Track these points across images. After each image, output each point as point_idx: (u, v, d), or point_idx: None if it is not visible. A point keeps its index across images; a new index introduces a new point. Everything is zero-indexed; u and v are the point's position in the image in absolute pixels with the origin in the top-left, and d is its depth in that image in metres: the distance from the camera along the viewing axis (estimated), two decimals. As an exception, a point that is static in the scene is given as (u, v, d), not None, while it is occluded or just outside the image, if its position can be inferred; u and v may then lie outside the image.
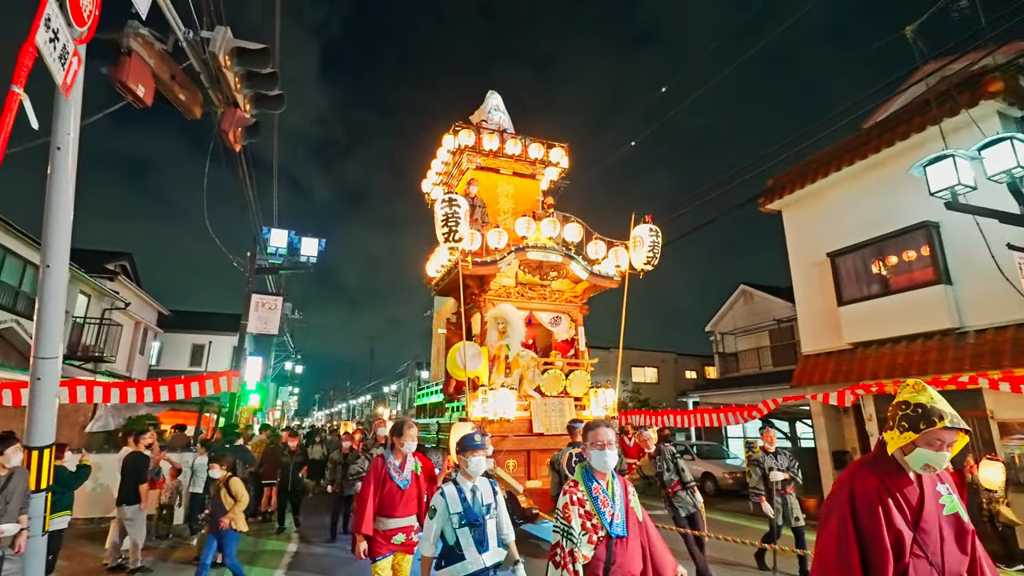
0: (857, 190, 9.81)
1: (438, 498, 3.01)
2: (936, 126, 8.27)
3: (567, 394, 8.14)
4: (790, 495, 6.22)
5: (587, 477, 2.53)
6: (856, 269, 9.65)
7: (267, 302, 10.99)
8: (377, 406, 51.62)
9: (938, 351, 8.13)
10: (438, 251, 8.81)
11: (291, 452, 8.50)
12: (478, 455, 3.13)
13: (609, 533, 2.38)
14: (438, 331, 10.49)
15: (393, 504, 3.83)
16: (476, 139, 9.53)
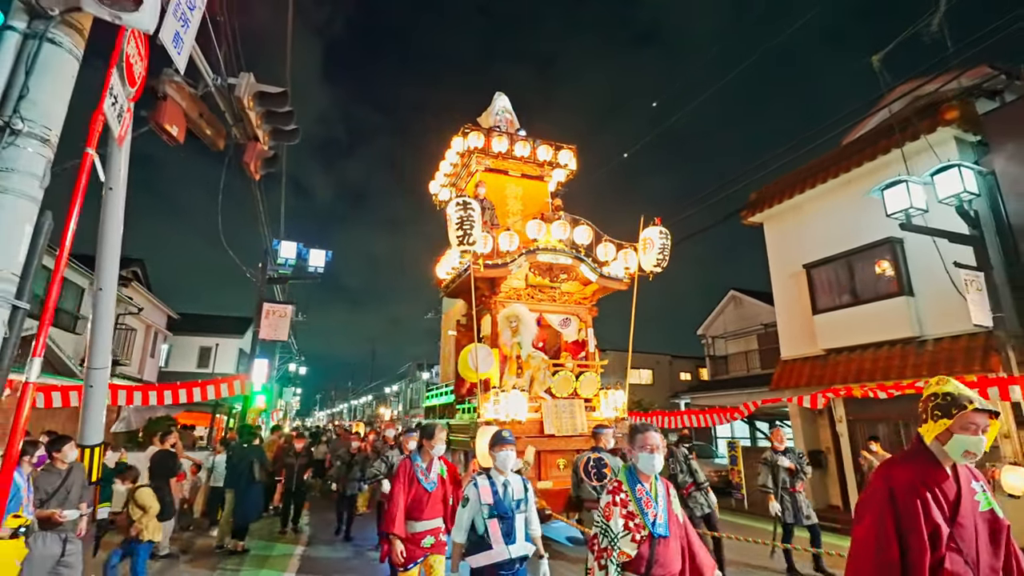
0: (831, 206, 10.46)
1: (471, 488, 3.20)
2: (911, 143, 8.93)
3: (577, 395, 8.17)
4: (799, 493, 6.22)
5: (631, 478, 2.59)
6: (829, 280, 10.31)
7: (277, 310, 11.67)
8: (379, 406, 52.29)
9: (900, 358, 8.78)
10: (449, 253, 8.84)
11: (296, 453, 8.43)
12: (506, 449, 3.30)
13: (652, 533, 2.44)
14: (448, 333, 10.47)
15: (421, 506, 3.87)
16: (485, 141, 9.56)
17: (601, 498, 2.59)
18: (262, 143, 6.52)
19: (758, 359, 17.67)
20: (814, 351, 10.47)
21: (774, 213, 11.69)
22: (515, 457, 3.41)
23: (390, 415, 45.06)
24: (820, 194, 10.64)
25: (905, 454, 2.01)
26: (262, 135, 6.46)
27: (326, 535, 8.22)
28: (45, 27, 3.11)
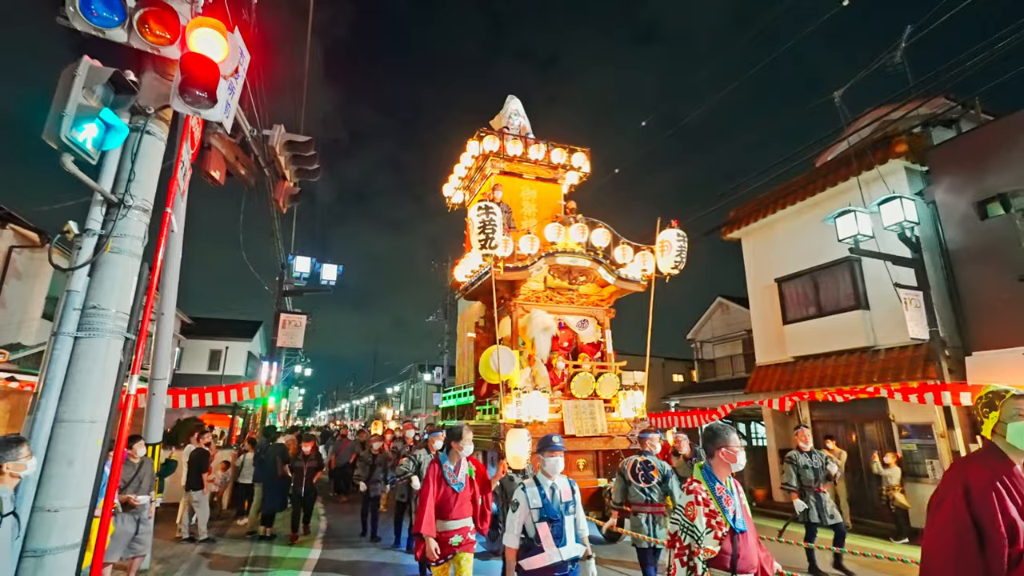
0: (799, 226, 11.42)
1: (519, 493, 3.25)
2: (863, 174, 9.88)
3: (597, 396, 8.20)
4: (824, 493, 6.23)
5: (709, 478, 2.64)
6: (797, 293, 11.27)
7: (293, 319, 12.64)
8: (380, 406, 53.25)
9: (857, 365, 9.74)
10: (468, 256, 8.97)
11: (305, 456, 8.05)
12: (556, 456, 3.35)
13: (733, 528, 2.50)
14: (467, 335, 10.44)
15: (449, 506, 3.98)
16: (500, 145, 9.68)
17: (679, 498, 2.65)
18: (289, 182, 7.54)
19: (743, 363, 18.60)
20: (784, 358, 11.44)
21: (750, 230, 12.65)
22: (563, 463, 3.45)
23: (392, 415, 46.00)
24: (790, 215, 11.60)
25: (976, 453, 2.09)
26: (289, 175, 7.48)
27: (341, 539, 8.05)
28: (144, 123, 4.08)
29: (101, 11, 3.86)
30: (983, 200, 8.23)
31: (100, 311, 3.68)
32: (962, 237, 8.59)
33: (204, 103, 4.05)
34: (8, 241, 9.77)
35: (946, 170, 8.95)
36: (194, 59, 3.82)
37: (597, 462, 7.94)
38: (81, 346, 3.60)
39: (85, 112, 3.41)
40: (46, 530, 3.20)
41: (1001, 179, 8.06)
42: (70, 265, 3.70)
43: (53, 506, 3.26)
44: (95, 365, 3.61)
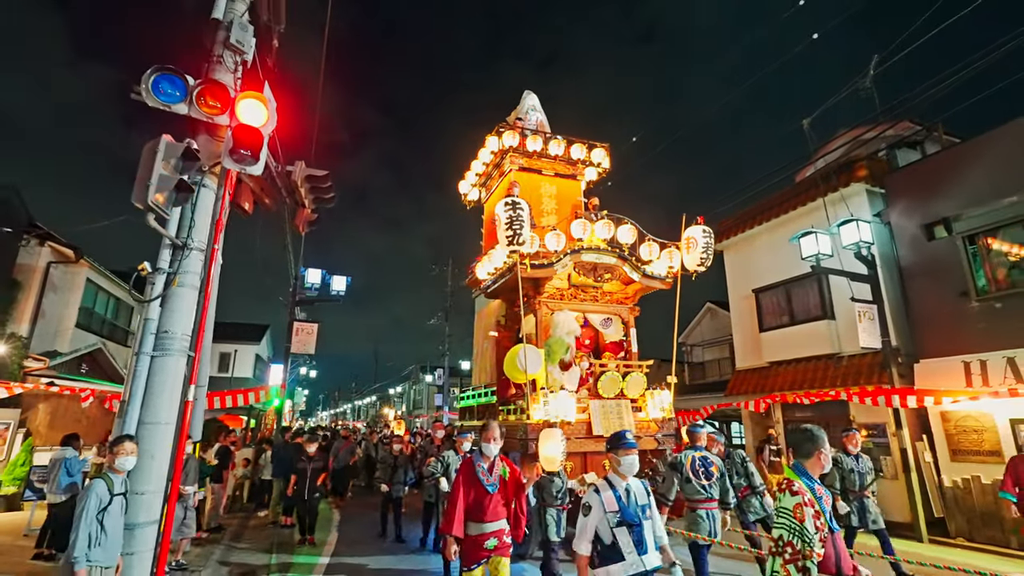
0: (774, 240, 12.31)
1: (592, 495, 3.01)
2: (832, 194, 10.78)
3: (624, 396, 8.07)
4: (867, 498, 6.10)
5: (806, 478, 2.59)
6: (772, 303, 12.17)
7: (306, 327, 13.54)
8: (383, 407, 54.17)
9: (823, 370, 10.64)
10: (491, 253, 8.76)
11: (309, 458, 7.84)
12: (631, 454, 3.12)
13: (831, 528, 2.48)
14: (489, 334, 10.07)
15: (482, 508, 3.83)
16: (520, 140, 9.51)
17: (783, 500, 2.55)
18: (308, 209, 8.45)
19: (730, 366, 19.49)
20: (760, 363, 12.34)
21: (731, 243, 13.55)
22: (636, 464, 3.23)
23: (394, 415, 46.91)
24: (766, 230, 12.50)
25: None
26: (308, 203, 8.39)
27: (353, 545, 7.83)
28: (201, 178, 4.98)
29: (168, 89, 4.76)
30: (930, 223, 9.11)
31: (170, 335, 4.59)
32: (912, 256, 9.47)
33: (249, 161, 4.98)
34: (46, 258, 10.67)
35: (900, 194, 9.84)
36: (243, 129, 4.76)
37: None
38: (156, 363, 4.50)
39: (165, 181, 4.32)
40: (135, 509, 4.09)
41: (945, 204, 8.94)
42: (147, 298, 4.60)
43: (140, 490, 4.15)
44: (167, 378, 4.51)
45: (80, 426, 10.06)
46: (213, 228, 5.48)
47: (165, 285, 4.67)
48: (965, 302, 8.59)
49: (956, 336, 8.61)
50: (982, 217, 8.48)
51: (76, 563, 3.12)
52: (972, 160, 8.77)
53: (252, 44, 5.72)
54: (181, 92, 4.81)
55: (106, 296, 13.59)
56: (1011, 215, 8.20)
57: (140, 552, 4.04)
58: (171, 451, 4.50)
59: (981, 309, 8.42)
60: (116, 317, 14.17)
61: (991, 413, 8.01)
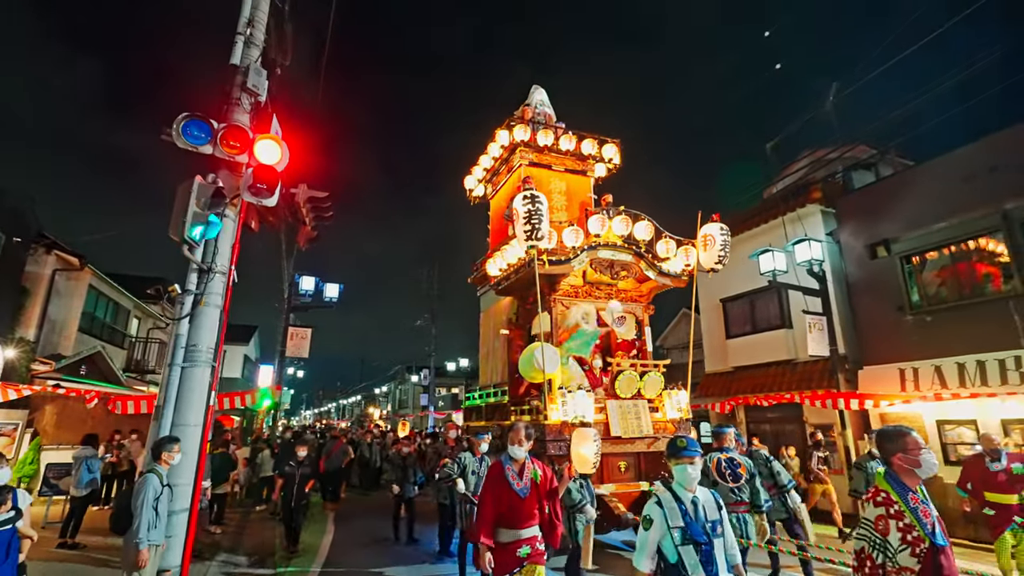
0: (742, 253, 13.19)
1: (653, 508, 2.71)
2: (790, 213, 11.76)
3: (641, 396, 7.93)
4: None
5: (898, 487, 2.43)
6: (737, 313, 13.13)
7: (300, 332, 14.17)
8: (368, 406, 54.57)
9: (781, 375, 11.61)
10: (505, 249, 8.53)
11: (298, 462, 7.40)
12: (695, 464, 2.78)
13: (934, 543, 2.27)
14: (501, 331, 9.75)
15: (514, 514, 3.64)
16: (531, 135, 9.31)
17: (866, 510, 2.44)
18: (309, 226, 9.15)
19: (703, 369, 20.51)
20: (727, 368, 13.30)
21: (702, 255, 14.49)
22: (699, 474, 2.89)
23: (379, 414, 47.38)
24: (734, 243, 13.29)
25: None
26: (309, 220, 9.09)
27: (351, 553, 7.41)
28: (222, 209, 5.67)
29: (195, 132, 5.45)
30: (873, 243, 10.10)
31: (197, 349, 5.29)
32: (858, 272, 10.46)
33: (266, 194, 5.70)
34: (52, 265, 11.17)
35: (849, 216, 10.83)
36: (262, 168, 5.48)
37: (639, 465, 7.64)
38: (186, 373, 5.19)
39: (197, 217, 5.02)
40: (167, 498, 4.79)
41: (886, 227, 9.93)
42: (177, 316, 5.30)
43: (176, 483, 4.84)
44: (196, 385, 5.20)
45: (86, 426, 10.60)
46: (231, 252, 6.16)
47: (193, 305, 5.36)
48: (901, 316, 9.59)
49: (894, 346, 9.60)
50: (916, 240, 9.49)
51: (140, 543, 3.81)
52: (910, 188, 9.77)
53: (266, 87, 6.39)
54: (207, 134, 5.49)
55: (106, 301, 14.06)
56: (941, 239, 9.21)
57: (177, 535, 4.75)
58: (199, 449, 5.20)
59: (914, 322, 9.43)
60: (115, 321, 14.64)
61: (921, 414, 9.01)
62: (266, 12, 6.77)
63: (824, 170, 13.27)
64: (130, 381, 15.00)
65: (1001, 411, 7.98)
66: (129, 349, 16.16)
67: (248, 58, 6.36)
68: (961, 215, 8.85)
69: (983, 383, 8.19)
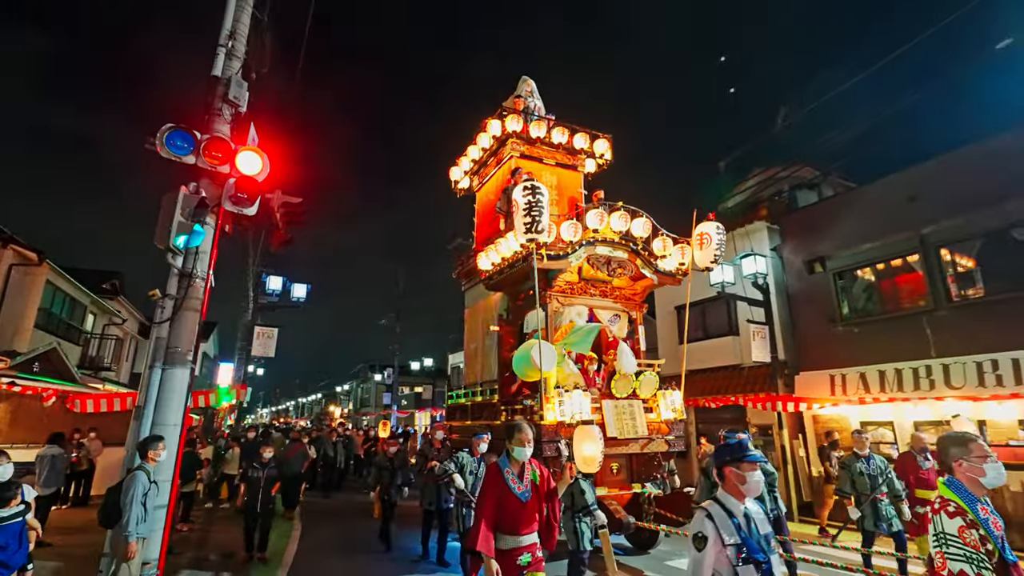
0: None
1: (705, 523, 2.34)
2: (739, 228, 12.63)
3: (636, 396, 7.79)
4: (882, 501, 5.91)
5: (965, 496, 2.29)
6: (691, 320, 13.94)
7: (266, 332, 14.16)
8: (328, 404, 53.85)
9: (729, 379, 12.47)
10: (499, 242, 8.20)
11: (262, 464, 7.02)
12: (757, 470, 2.42)
13: (1004, 559, 2.12)
14: (491, 328, 9.35)
15: (515, 519, 3.45)
16: (523, 126, 9.06)
17: (942, 524, 2.27)
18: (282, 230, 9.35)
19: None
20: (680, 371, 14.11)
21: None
22: (762, 481, 2.58)
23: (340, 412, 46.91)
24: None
25: None
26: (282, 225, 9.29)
27: (316, 564, 7.08)
28: (203, 217, 5.90)
29: (179, 143, 5.69)
30: (810, 259, 11.04)
31: (177, 351, 5.53)
32: (797, 286, 11.41)
33: (246, 204, 5.99)
34: (9, 260, 10.88)
35: (791, 234, 11.78)
36: (243, 179, 5.77)
37: (631, 466, 7.54)
38: (166, 374, 5.43)
39: (182, 227, 5.27)
40: (154, 494, 5.03)
41: (822, 245, 10.89)
42: (158, 320, 5.52)
43: (158, 479, 5.09)
44: (175, 386, 5.45)
45: (41, 424, 10.45)
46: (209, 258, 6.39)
47: (174, 309, 5.59)
48: (833, 327, 10.55)
49: (826, 354, 10.55)
50: (847, 258, 10.46)
51: (129, 536, 4.09)
52: (844, 210, 10.74)
53: (246, 98, 6.63)
54: (190, 145, 5.73)
55: (63, 296, 13.72)
56: (868, 258, 10.20)
57: (156, 529, 4.99)
58: (177, 447, 5.44)
59: (844, 333, 10.39)
60: (71, 317, 14.27)
61: (847, 416, 9.96)
62: (247, 25, 6.97)
63: (772, 188, 14.28)
64: (85, 378, 14.64)
65: (914, 414, 8.95)
66: (84, 346, 15.76)
67: (229, 70, 6.58)
68: (886, 237, 9.84)
69: (899, 389, 9.18)
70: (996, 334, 8.19)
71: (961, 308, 8.87)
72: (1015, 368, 7.93)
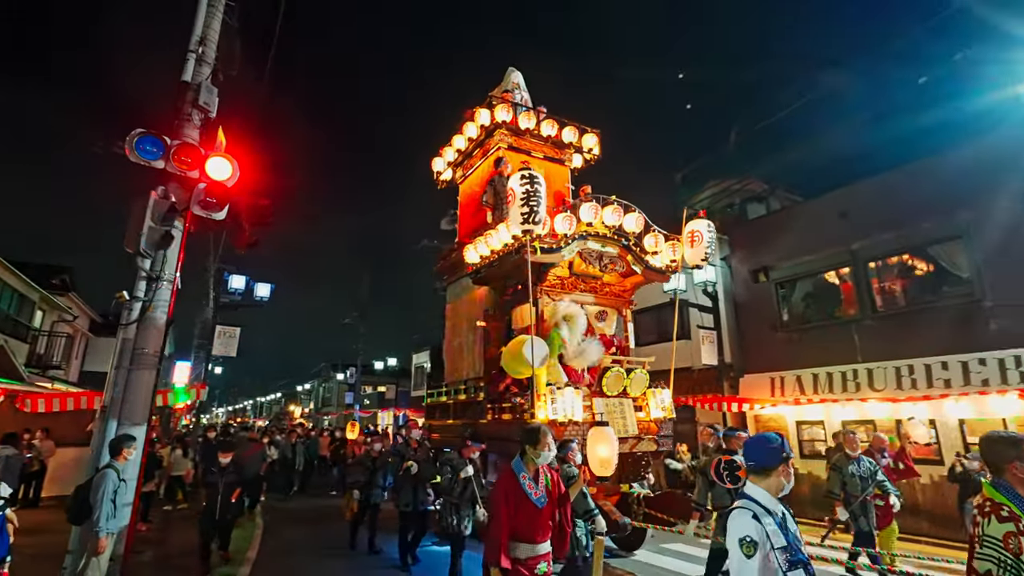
0: (651, 271, 14.83)
1: (752, 524, 2.11)
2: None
3: (626, 394, 7.68)
4: (870, 502, 5.91)
5: (1018, 501, 2.16)
6: (646, 324, 14.63)
7: (228, 331, 14.00)
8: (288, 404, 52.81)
9: (680, 381, 13.15)
10: (489, 234, 7.93)
11: (221, 469, 6.55)
12: (790, 468, 2.28)
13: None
14: (477, 323, 9.03)
15: (532, 527, 3.32)
16: (513, 116, 8.85)
17: (989, 527, 2.14)
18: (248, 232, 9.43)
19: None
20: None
21: (619, 270, 15.95)
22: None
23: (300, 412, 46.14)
24: (646, 261, 14.98)
25: None
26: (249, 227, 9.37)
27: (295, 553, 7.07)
28: (173, 222, 6.04)
29: (148, 147, 5.81)
30: (755, 269, 11.84)
31: (144, 353, 5.66)
32: (744, 294, 12.20)
33: (216, 209, 6.17)
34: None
35: (738, 245, 12.57)
36: (213, 184, 5.94)
37: (620, 466, 7.18)
38: (132, 375, 5.56)
39: (152, 232, 5.42)
40: (123, 492, 5.17)
41: (766, 256, 11.70)
42: (125, 322, 5.64)
43: (125, 478, 5.23)
44: (141, 387, 5.58)
45: (-12, 424, 10.18)
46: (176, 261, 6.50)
47: (142, 311, 5.71)
48: (774, 332, 11.35)
49: (768, 358, 11.35)
50: (788, 269, 11.29)
51: (100, 532, 4.26)
52: (786, 224, 11.57)
53: (216, 104, 6.76)
54: (159, 150, 5.85)
55: (11, 292, 13.24)
56: (807, 269, 11.04)
57: (123, 526, 5.13)
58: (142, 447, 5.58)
59: (783, 338, 11.21)
60: (19, 313, 13.76)
61: (785, 416, 10.76)
62: (217, 31, 7.08)
63: (725, 200, 15.13)
64: (32, 377, 14.17)
65: (841, 414, 9.78)
66: (32, 343, 15.21)
67: (200, 75, 6.70)
68: (822, 251, 10.68)
69: (830, 390, 10.01)
70: (913, 342, 9.07)
71: (884, 318, 9.76)
72: (927, 373, 8.82)
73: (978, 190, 8.63)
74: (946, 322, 8.85)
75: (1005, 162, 8.42)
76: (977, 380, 8.27)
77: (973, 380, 8.31)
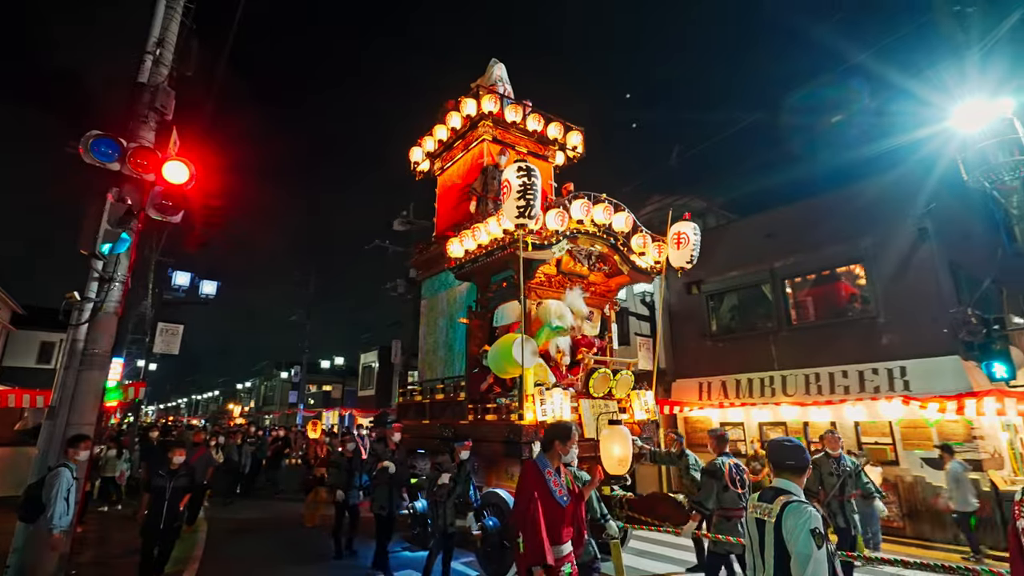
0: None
1: (816, 516, 2.20)
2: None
3: (612, 396, 7.62)
4: (849, 502, 5.85)
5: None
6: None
7: (170, 328, 13.60)
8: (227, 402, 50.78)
9: (619, 384, 14.00)
10: (478, 228, 7.66)
11: (171, 471, 6.00)
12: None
13: None
14: (459, 320, 8.71)
15: (558, 526, 3.30)
16: (499, 108, 8.66)
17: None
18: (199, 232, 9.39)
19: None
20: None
21: (566, 277, 16.68)
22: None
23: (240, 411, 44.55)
24: (592, 270, 15.77)
25: None
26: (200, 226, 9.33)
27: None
28: (129, 225, 6.12)
29: (104, 149, 5.88)
30: (689, 283, 12.81)
31: (94, 353, 5.74)
32: (678, 305, 13.15)
33: (171, 212, 6.30)
34: None
35: (676, 258, 13.54)
36: (170, 187, 6.07)
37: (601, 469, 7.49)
38: (82, 375, 5.63)
39: (108, 235, 5.52)
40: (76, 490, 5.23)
41: (699, 271, 12.63)
42: (75, 323, 5.69)
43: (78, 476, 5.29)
44: (91, 388, 5.66)
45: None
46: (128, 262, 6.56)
47: (93, 312, 5.77)
48: (704, 341, 12.34)
49: (697, 364, 12.31)
50: (717, 283, 12.31)
51: (55, 528, 4.37)
52: (718, 240, 12.57)
53: (172, 106, 6.84)
54: (115, 152, 5.92)
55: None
56: (732, 284, 12.09)
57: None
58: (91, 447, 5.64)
59: (711, 346, 12.21)
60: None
61: (710, 418, 11.73)
62: (176, 33, 7.13)
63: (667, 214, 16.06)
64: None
65: (759, 416, 10.82)
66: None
67: (157, 77, 6.76)
68: (746, 268, 11.73)
69: (750, 395, 11.03)
70: (821, 353, 10.19)
71: (797, 331, 10.87)
72: (831, 380, 9.94)
73: (877, 221, 9.83)
74: (848, 336, 10.02)
75: (901, 198, 9.65)
76: (870, 387, 9.43)
77: (867, 387, 9.47)
